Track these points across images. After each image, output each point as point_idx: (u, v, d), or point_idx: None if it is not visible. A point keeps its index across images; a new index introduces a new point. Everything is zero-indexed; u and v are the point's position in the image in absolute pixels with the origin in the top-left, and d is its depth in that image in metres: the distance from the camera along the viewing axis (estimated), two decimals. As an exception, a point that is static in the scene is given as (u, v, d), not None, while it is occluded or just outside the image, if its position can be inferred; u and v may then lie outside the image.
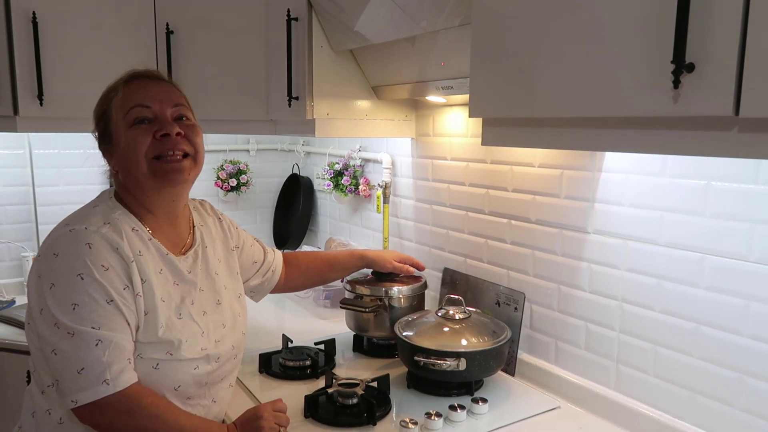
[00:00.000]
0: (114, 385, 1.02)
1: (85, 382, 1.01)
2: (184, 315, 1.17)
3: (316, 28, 1.73)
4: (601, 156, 1.35)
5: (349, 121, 1.83)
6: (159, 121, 1.15)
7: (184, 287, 1.20)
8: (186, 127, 1.18)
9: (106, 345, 1.03)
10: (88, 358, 1.02)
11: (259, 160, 2.70)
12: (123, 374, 1.04)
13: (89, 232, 1.08)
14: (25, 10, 1.77)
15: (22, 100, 1.80)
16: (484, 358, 1.38)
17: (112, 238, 1.09)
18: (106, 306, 1.05)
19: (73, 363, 1.02)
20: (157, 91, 1.17)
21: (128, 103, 1.15)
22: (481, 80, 1.13)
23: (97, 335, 1.03)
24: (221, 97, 1.95)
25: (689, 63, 0.77)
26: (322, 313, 2.06)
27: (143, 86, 1.17)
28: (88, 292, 1.04)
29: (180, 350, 1.12)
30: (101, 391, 1.02)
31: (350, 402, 1.33)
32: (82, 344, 1.02)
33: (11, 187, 2.25)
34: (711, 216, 1.14)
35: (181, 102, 1.20)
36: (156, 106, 1.15)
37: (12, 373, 1.89)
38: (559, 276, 1.47)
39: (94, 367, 1.02)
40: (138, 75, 1.19)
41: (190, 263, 1.23)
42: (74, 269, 1.04)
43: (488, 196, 1.67)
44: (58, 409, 1.11)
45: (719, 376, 1.15)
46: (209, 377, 1.19)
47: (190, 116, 1.21)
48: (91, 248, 1.06)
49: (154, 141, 1.14)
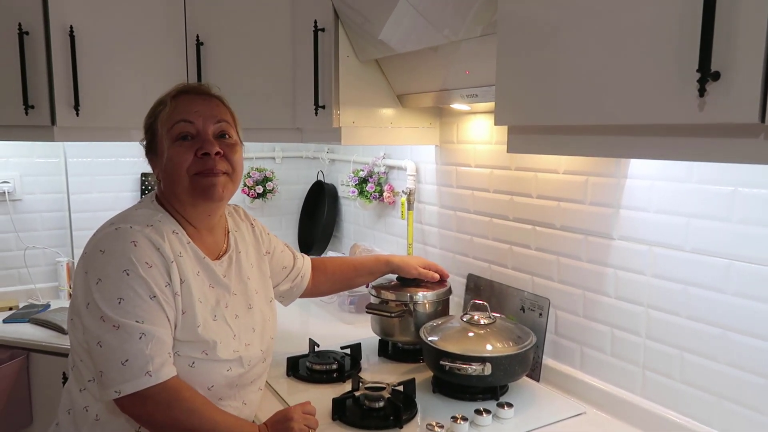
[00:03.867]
0: (156, 377, 1.06)
1: (129, 373, 1.05)
2: (218, 317, 1.21)
3: (342, 38, 1.76)
4: (626, 162, 1.36)
5: (374, 129, 1.86)
6: (200, 139, 1.19)
7: (219, 290, 1.24)
8: (226, 146, 1.21)
9: (149, 338, 1.07)
10: (132, 351, 1.06)
11: (285, 167, 2.74)
12: (164, 367, 1.08)
13: (134, 230, 1.13)
14: (63, 25, 1.84)
15: (59, 111, 1.87)
16: (509, 363, 1.39)
17: (155, 239, 1.14)
18: (149, 301, 1.09)
19: (117, 355, 1.06)
20: (203, 107, 1.21)
21: (173, 118, 1.19)
22: (507, 88, 1.15)
23: (141, 329, 1.07)
24: (249, 105, 1.98)
25: (715, 71, 0.79)
26: (347, 318, 2.09)
27: (189, 102, 1.21)
28: (133, 288, 1.08)
29: (216, 351, 1.16)
30: (144, 382, 1.05)
31: (377, 405, 1.35)
32: (127, 337, 1.06)
33: (47, 194, 2.32)
34: (738, 222, 1.14)
35: (225, 119, 1.23)
36: (199, 122, 1.19)
37: (48, 374, 1.95)
38: (584, 282, 1.47)
39: (138, 359, 1.06)
40: (186, 90, 1.23)
41: (224, 267, 1.27)
42: (120, 265, 1.09)
43: (513, 202, 1.69)
44: (94, 406, 1.15)
45: (746, 381, 1.15)
46: (240, 380, 1.22)
47: (232, 133, 1.25)
48: (136, 246, 1.11)
49: (195, 158, 1.18)
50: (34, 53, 1.84)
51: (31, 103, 1.85)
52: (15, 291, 2.30)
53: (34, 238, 2.31)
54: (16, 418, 1.97)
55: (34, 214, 2.31)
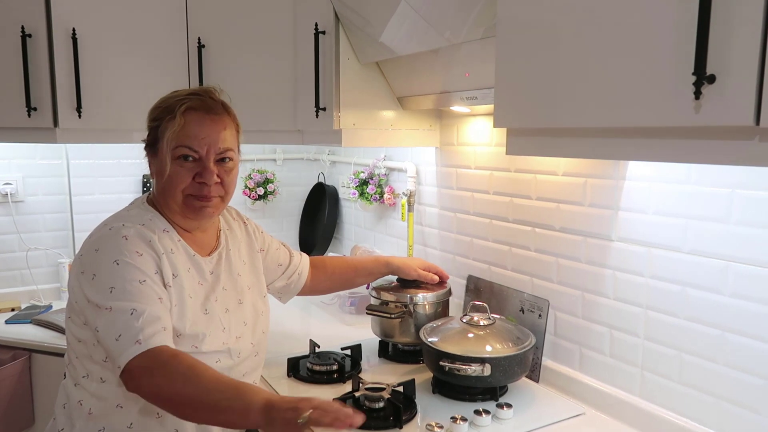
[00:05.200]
0: (145, 344, 1.05)
1: (122, 345, 1.06)
2: (209, 310, 1.25)
3: (343, 41, 1.77)
4: (624, 164, 1.37)
5: (374, 131, 1.87)
6: (201, 164, 1.22)
7: (208, 286, 1.28)
8: (224, 172, 1.25)
9: (139, 313, 1.08)
10: (123, 326, 1.07)
11: (286, 169, 2.75)
12: (155, 336, 1.07)
13: (126, 227, 1.18)
14: (65, 27, 1.85)
15: (62, 113, 1.88)
16: (508, 364, 1.40)
17: (146, 233, 1.18)
18: (139, 285, 1.12)
19: (112, 332, 1.07)
20: (209, 131, 1.22)
21: (179, 140, 1.20)
22: (506, 91, 1.15)
23: (131, 305, 1.09)
24: (250, 107, 2.00)
25: (710, 74, 0.79)
26: (348, 319, 2.09)
27: (198, 123, 1.21)
28: (122, 276, 1.11)
29: (204, 343, 1.20)
30: (134, 350, 1.05)
31: (377, 406, 1.35)
32: (118, 315, 1.08)
33: (50, 195, 2.34)
34: (735, 223, 1.15)
35: (229, 146, 1.25)
36: (203, 150, 1.22)
37: (50, 375, 1.96)
38: (583, 283, 1.48)
39: (129, 331, 1.06)
40: (195, 107, 1.22)
41: (213, 264, 1.31)
42: (111, 257, 1.13)
43: (512, 204, 1.69)
44: (88, 400, 1.17)
45: (745, 382, 1.15)
46: (230, 372, 1.24)
47: (233, 156, 1.27)
48: (126, 239, 1.15)
49: (192, 182, 1.22)
50: (36, 56, 1.85)
51: (34, 105, 1.86)
52: (17, 292, 2.31)
53: (36, 240, 2.33)
54: (18, 419, 1.98)
55: (37, 216, 2.32)
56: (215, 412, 1.03)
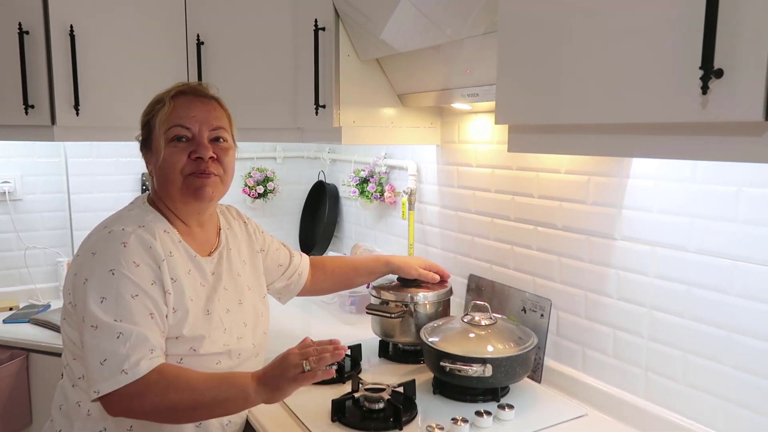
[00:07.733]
0: (132, 374, 1.05)
1: (107, 372, 1.05)
2: (211, 311, 1.23)
3: (343, 38, 1.75)
4: (628, 162, 1.35)
5: (375, 129, 1.85)
6: (195, 142, 1.22)
7: (210, 286, 1.26)
8: (219, 150, 1.24)
9: (126, 337, 1.07)
10: (109, 350, 1.06)
11: (286, 167, 2.73)
12: (141, 363, 1.06)
13: (126, 232, 1.15)
14: (63, 24, 1.83)
15: (60, 110, 1.86)
16: (510, 365, 1.38)
17: (146, 239, 1.15)
18: (131, 300, 1.10)
19: (96, 354, 1.06)
20: (200, 111, 1.23)
21: (170, 121, 1.21)
22: (508, 87, 1.14)
23: (119, 327, 1.07)
24: (249, 105, 1.99)
25: (718, 69, 0.77)
26: (348, 319, 2.08)
27: (188, 105, 1.23)
28: (115, 287, 1.09)
29: (203, 345, 1.18)
30: (120, 380, 1.05)
31: (377, 407, 1.34)
32: (104, 336, 1.07)
33: (48, 194, 2.32)
34: (742, 222, 1.13)
35: (221, 125, 1.25)
36: (195, 127, 1.22)
37: (48, 375, 1.95)
38: (586, 283, 1.46)
39: (115, 357, 1.06)
40: (184, 91, 1.25)
41: (214, 264, 1.30)
42: (107, 265, 1.11)
43: (514, 202, 1.67)
44: (86, 402, 1.16)
45: (751, 384, 1.13)
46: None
47: (227, 137, 1.27)
48: (125, 247, 1.12)
49: (189, 160, 1.21)
50: (34, 53, 1.83)
51: (31, 103, 1.85)
52: (15, 291, 2.30)
53: (34, 238, 2.31)
54: (16, 419, 1.97)
55: (35, 214, 2.31)
56: (215, 407, 1.09)
